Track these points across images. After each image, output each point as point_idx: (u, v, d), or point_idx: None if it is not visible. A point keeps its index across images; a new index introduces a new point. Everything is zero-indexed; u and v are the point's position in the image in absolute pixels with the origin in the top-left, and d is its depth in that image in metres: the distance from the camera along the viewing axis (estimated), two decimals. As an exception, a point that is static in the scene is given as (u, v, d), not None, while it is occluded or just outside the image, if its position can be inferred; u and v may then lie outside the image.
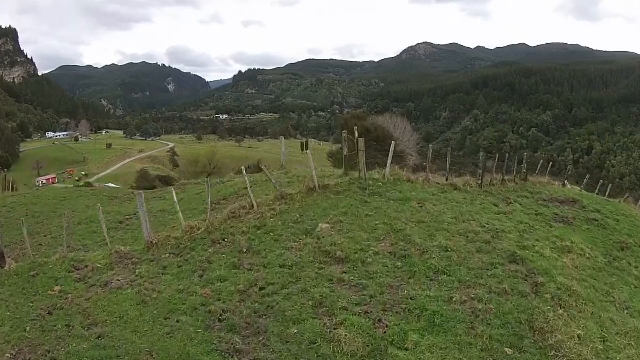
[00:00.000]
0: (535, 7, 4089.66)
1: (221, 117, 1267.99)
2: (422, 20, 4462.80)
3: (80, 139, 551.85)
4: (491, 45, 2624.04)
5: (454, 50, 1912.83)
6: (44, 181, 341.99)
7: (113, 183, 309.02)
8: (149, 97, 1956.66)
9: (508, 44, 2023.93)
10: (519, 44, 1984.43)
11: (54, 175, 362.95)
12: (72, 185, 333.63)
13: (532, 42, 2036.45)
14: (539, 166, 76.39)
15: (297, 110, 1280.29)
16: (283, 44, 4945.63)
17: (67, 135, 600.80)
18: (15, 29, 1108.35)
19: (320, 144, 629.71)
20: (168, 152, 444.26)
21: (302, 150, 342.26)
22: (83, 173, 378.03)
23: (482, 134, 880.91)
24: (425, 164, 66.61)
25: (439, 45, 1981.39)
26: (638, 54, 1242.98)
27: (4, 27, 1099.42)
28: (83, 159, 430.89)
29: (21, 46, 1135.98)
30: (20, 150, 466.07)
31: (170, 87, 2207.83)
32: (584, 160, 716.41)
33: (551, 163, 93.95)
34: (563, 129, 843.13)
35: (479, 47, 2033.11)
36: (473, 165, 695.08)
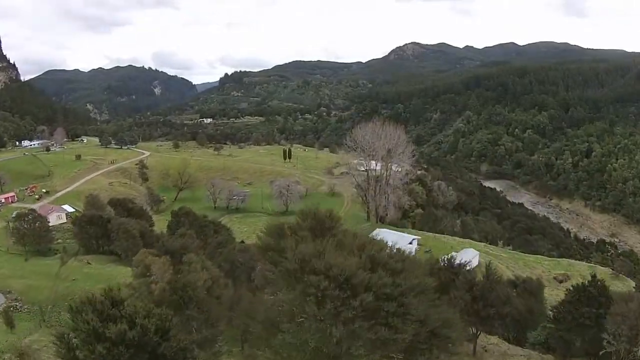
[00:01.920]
0: (524, 5, 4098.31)
1: (205, 121, 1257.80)
2: (409, 20, 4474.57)
3: (52, 149, 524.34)
4: (480, 44, 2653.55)
5: (443, 50, 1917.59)
6: (2, 200, 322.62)
7: (72, 203, 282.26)
8: (135, 100, 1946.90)
9: (497, 43, 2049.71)
10: (508, 43, 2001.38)
11: (13, 194, 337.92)
12: (31, 205, 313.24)
13: (521, 41, 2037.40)
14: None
15: (283, 113, 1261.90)
16: (269, 46, 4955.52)
17: (40, 144, 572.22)
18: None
19: (305, 150, 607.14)
20: (137, 164, 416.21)
21: (285, 158, 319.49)
22: (44, 190, 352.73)
23: (476, 136, 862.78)
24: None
25: (427, 45, 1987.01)
26: (628, 52, 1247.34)
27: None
28: (48, 172, 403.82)
29: (3, 51, 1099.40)
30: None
31: (157, 91, 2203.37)
32: (583, 164, 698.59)
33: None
34: (560, 130, 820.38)
35: (467, 46, 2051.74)
36: (467, 170, 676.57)
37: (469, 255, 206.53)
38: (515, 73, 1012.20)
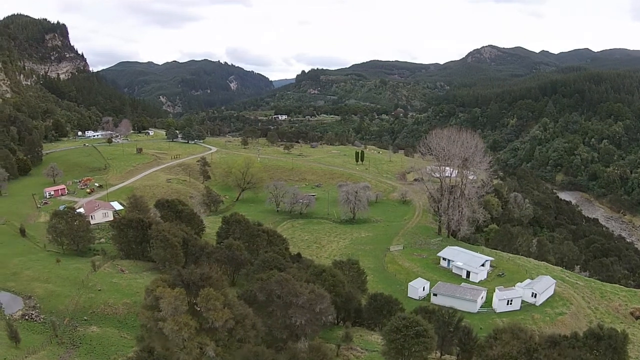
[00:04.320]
0: (595, 9, 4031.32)
1: (280, 117, 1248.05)
2: (484, 22, 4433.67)
3: (114, 141, 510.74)
4: (555, 49, 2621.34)
5: (519, 54, 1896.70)
6: (51, 192, 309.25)
7: (123, 200, 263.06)
8: (210, 94, 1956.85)
9: (572, 49, 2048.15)
10: (583, 49, 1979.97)
11: (63, 186, 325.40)
12: (81, 199, 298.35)
13: (595, 47, 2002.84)
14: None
15: (360, 113, 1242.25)
16: (344, 45, 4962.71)
17: (103, 135, 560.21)
18: (64, 25, 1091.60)
19: (379, 152, 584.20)
20: (198, 161, 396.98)
21: (357, 160, 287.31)
22: (97, 184, 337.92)
23: (552, 144, 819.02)
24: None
25: (503, 48, 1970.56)
26: None
27: (52, 22, 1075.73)
28: (105, 165, 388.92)
29: (71, 42, 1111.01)
30: (45, 152, 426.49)
31: (233, 85, 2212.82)
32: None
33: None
34: (635, 141, 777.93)
35: (543, 51, 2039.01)
36: (542, 179, 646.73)
37: (545, 284, 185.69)
38: (591, 80, 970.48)
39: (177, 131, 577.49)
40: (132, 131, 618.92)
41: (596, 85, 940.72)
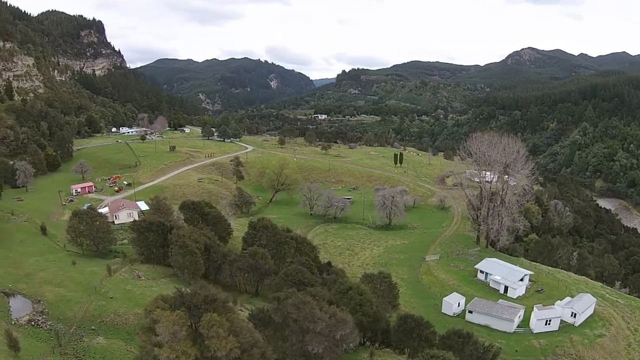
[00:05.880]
0: (633, 12, 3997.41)
1: (320, 117, 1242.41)
2: (523, 24, 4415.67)
3: (148, 138, 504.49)
4: (593, 52, 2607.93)
5: (558, 57, 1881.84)
6: (78, 190, 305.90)
7: (150, 199, 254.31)
8: (250, 92, 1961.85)
9: (609, 52, 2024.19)
10: (620, 52, 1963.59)
11: (91, 184, 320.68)
12: (108, 197, 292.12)
13: (633, 51, 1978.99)
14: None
15: (400, 113, 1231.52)
16: (384, 45, 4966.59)
17: (137, 132, 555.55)
18: (100, 21, 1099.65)
19: (418, 154, 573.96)
20: (231, 161, 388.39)
21: (396, 163, 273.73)
22: (125, 182, 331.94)
23: (591, 150, 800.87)
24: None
25: (543, 50, 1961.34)
26: None
27: (88, 18, 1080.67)
28: (135, 163, 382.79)
29: (108, 39, 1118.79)
30: (75, 148, 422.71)
31: (273, 84, 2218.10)
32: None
33: None
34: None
35: (582, 54, 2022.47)
36: (582, 185, 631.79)
37: (585, 303, 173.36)
38: (630, 84, 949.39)
39: (213, 129, 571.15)
40: (167, 128, 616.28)
41: (635, 89, 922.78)
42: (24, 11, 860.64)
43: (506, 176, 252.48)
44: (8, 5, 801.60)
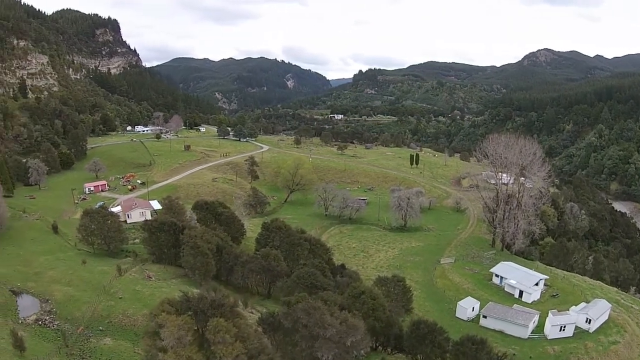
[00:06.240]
0: None
1: (336, 117, 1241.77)
2: (539, 25, 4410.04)
3: (163, 136, 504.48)
4: (609, 54, 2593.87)
5: (573, 58, 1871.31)
6: (91, 188, 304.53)
7: (163, 199, 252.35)
8: (266, 92, 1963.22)
9: (626, 54, 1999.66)
10: (636, 54, 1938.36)
11: (104, 182, 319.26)
12: (121, 196, 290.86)
13: None
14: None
15: (416, 114, 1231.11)
16: (400, 45, 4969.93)
17: (152, 130, 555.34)
18: (115, 20, 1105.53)
19: (434, 155, 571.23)
20: (246, 160, 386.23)
21: (412, 163, 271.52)
22: (139, 181, 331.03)
23: (607, 152, 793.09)
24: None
25: (558, 52, 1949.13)
26: None
27: (103, 17, 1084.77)
28: (150, 162, 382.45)
29: (123, 37, 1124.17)
30: (90, 146, 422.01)
31: (290, 84, 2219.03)
32: None
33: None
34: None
35: (597, 55, 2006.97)
36: (597, 188, 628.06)
37: (600, 309, 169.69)
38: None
39: (229, 128, 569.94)
40: (182, 127, 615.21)
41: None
42: (38, 10, 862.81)
43: (522, 178, 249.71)
44: (22, 3, 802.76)
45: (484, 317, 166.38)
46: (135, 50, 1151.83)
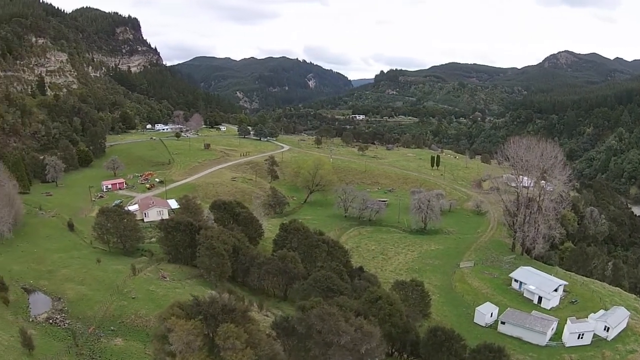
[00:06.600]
0: None
1: (357, 117, 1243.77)
2: (560, 27, 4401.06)
3: (183, 135, 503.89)
4: (629, 56, 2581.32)
5: (594, 60, 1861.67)
6: (109, 186, 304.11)
7: (180, 198, 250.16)
8: (287, 92, 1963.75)
9: None
10: None
11: (122, 180, 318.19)
12: (139, 194, 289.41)
13: None
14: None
15: (438, 115, 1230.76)
16: (422, 46, 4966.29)
17: (172, 129, 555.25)
18: (135, 18, 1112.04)
19: (455, 157, 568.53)
20: (266, 160, 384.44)
21: (433, 165, 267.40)
22: (157, 179, 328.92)
23: (627, 156, 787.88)
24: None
25: (579, 54, 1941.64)
26: None
27: (123, 16, 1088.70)
28: (169, 160, 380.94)
29: (144, 36, 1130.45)
30: (109, 144, 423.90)
31: (311, 83, 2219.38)
32: None
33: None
34: None
35: (617, 58, 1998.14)
36: (617, 192, 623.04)
37: (619, 317, 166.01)
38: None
39: (250, 127, 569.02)
40: (203, 126, 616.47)
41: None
42: (58, 8, 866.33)
43: (543, 182, 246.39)
44: (41, 2, 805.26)
45: (502, 323, 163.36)
46: (155, 49, 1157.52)
